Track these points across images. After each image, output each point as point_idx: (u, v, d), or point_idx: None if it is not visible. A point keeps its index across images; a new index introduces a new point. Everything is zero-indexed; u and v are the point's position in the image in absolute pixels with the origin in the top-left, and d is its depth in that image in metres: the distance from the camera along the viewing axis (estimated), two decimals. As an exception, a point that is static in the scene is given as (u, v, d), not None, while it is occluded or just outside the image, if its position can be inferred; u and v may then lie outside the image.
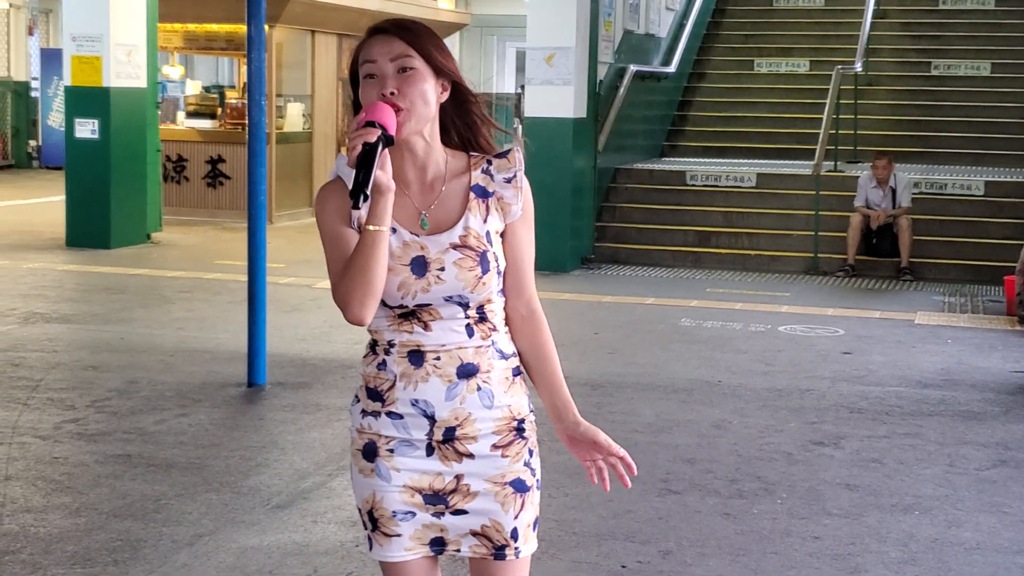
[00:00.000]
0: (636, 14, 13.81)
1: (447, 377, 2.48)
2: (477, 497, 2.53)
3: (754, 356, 8.21)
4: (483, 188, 2.53)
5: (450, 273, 2.47)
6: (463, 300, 2.48)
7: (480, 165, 2.55)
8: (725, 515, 5.17)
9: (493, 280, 2.50)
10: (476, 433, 2.50)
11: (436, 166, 2.53)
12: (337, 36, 16.21)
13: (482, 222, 2.51)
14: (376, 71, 2.45)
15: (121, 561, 4.47)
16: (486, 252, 2.49)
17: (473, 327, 2.50)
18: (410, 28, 2.49)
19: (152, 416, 6.36)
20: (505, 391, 2.53)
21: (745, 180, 12.94)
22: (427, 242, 2.49)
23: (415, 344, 2.49)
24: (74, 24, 12.29)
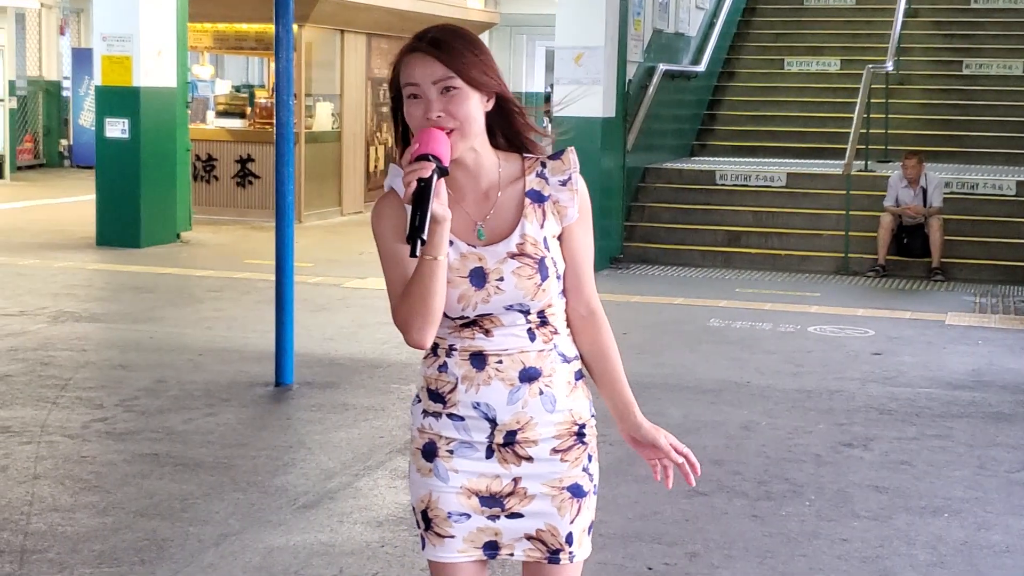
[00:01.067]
0: (666, 13, 13.77)
1: (509, 381, 2.48)
2: (534, 500, 2.52)
3: (783, 357, 8.17)
4: (538, 192, 2.51)
5: (509, 283, 2.46)
6: (524, 308, 2.48)
7: (534, 168, 2.53)
8: (753, 517, 5.14)
9: (553, 285, 2.49)
10: (537, 437, 2.50)
11: (489, 174, 2.51)
12: (366, 36, 16.24)
13: (539, 227, 2.49)
14: (419, 93, 2.43)
15: (148, 560, 4.48)
16: (544, 258, 2.48)
17: (535, 331, 2.50)
18: (446, 46, 2.43)
19: (180, 415, 6.38)
20: (567, 395, 2.52)
21: (775, 180, 12.88)
22: (484, 253, 2.48)
23: (477, 348, 2.49)
24: (104, 24, 12.36)
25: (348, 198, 16.06)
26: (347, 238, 13.85)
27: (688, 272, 11.82)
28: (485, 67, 2.47)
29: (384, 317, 9.36)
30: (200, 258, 11.90)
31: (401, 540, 4.77)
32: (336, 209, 15.80)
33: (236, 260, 11.73)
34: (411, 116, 2.43)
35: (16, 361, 7.40)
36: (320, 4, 14.49)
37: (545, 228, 2.50)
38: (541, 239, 2.49)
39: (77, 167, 21.44)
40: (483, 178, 2.51)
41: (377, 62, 16.68)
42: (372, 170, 16.76)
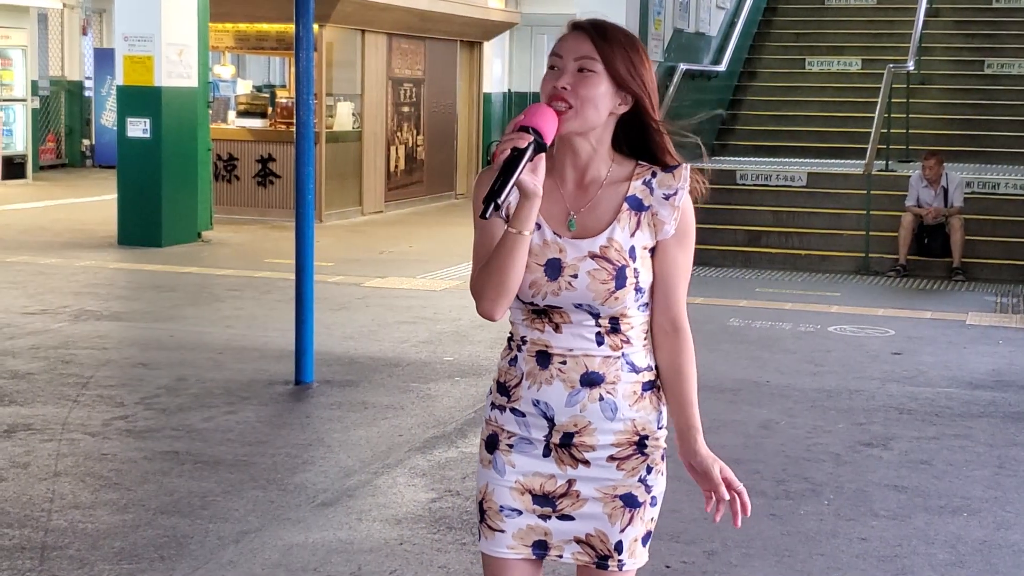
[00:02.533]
0: (686, 12, 13.76)
1: (570, 383, 2.46)
2: (586, 504, 2.51)
3: (803, 356, 8.15)
4: (639, 200, 2.49)
5: (582, 281, 2.44)
6: (593, 310, 2.46)
7: (643, 176, 2.51)
8: (771, 516, 5.14)
9: (629, 296, 2.45)
10: (595, 443, 2.49)
11: (596, 170, 2.50)
12: (387, 35, 16.27)
13: (629, 235, 2.47)
14: (558, 64, 2.45)
15: (167, 557, 4.51)
16: (625, 267, 2.45)
17: (604, 336, 2.47)
18: (606, 32, 2.46)
19: (200, 413, 6.41)
20: (631, 404, 2.50)
21: (796, 179, 12.86)
22: (567, 245, 2.46)
23: (544, 344, 2.48)
24: (126, 24, 12.42)
25: (368, 197, 16.10)
26: (367, 237, 13.88)
27: (708, 272, 11.81)
28: (634, 67, 2.46)
29: (403, 316, 9.42)
30: (221, 257, 11.95)
31: (419, 538, 4.78)
32: (356, 208, 15.84)
33: (256, 259, 11.77)
34: (543, 87, 2.46)
35: (38, 359, 7.45)
36: (341, 4, 14.52)
37: (636, 237, 2.47)
38: (627, 247, 2.46)
39: (99, 167, 21.53)
40: (590, 171, 2.50)
41: (397, 62, 16.72)
42: (392, 169, 16.79)
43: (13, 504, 4.99)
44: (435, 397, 6.90)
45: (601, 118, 2.45)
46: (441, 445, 5.99)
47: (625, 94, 2.46)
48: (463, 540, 4.76)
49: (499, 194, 2.30)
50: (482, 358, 7.85)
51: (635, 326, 2.50)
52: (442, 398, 6.89)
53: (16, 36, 18.91)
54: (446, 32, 17.80)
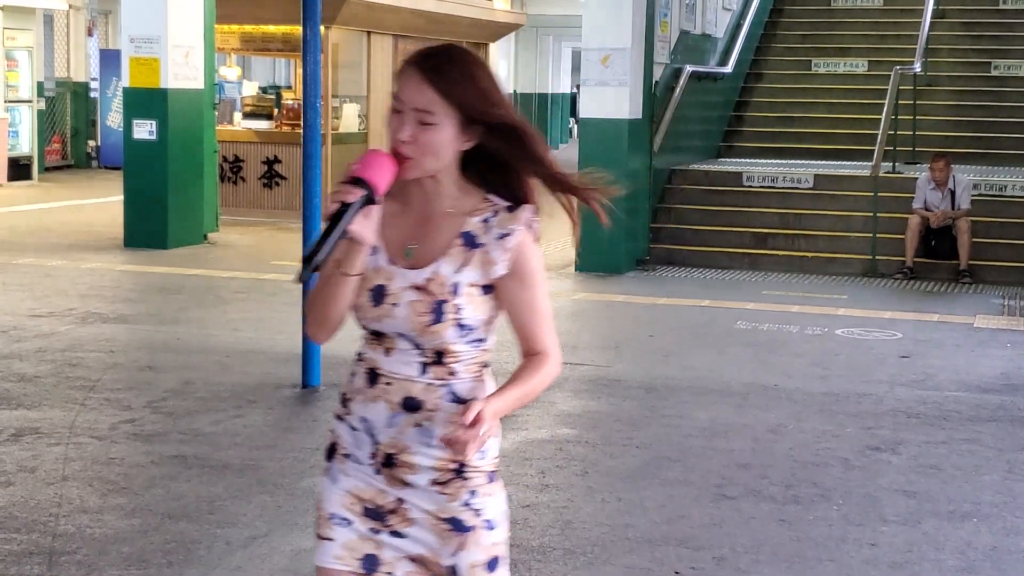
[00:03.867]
0: (692, 14, 13.74)
1: (392, 405, 2.46)
2: (415, 524, 2.50)
3: (811, 360, 8.13)
4: (473, 237, 2.46)
5: (401, 311, 2.44)
6: (414, 340, 2.45)
7: (484, 213, 2.47)
8: (780, 521, 5.12)
9: (449, 331, 2.43)
10: (415, 464, 2.47)
11: (441, 201, 2.48)
12: (393, 37, 16.25)
13: (455, 271, 2.44)
14: (402, 109, 2.42)
15: (176, 563, 4.50)
16: (444, 302, 2.43)
17: (428, 367, 2.46)
18: (445, 70, 2.41)
19: (207, 417, 6.40)
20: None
21: (802, 181, 12.84)
22: (396, 274, 2.46)
23: (375, 364, 2.49)
24: (132, 26, 12.41)
25: (374, 199, 16.07)
26: (373, 239, 13.84)
27: (714, 274, 11.79)
28: (484, 98, 2.42)
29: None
30: (227, 259, 11.94)
31: (428, 543, 4.76)
32: (362, 210, 15.81)
33: (262, 261, 11.76)
34: (388, 124, 2.45)
35: (44, 362, 7.44)
36: (347, 6, 14.51)
37: (463, 274, 2.44)
38: (451, 282, 2.43)
39: (105, 168, 21.54)
40: (433, 203, 2.48)
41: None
42: (398, 171, 16.76)
43: (21, 508, 4.98)
44: (442, 400, 6.88)
45: (445, 162, 2.44)
46: (449, 449, 5.97)
47: (473, 132, 2.43)
48: (471, 545, 4.74)
49: (317, 254, 2.29)
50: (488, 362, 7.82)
51: (463, 360, 2.47)
52: (449, 401, 6.86)
53: (22, 37, 18.92)
54: (452, 33, 17.77)
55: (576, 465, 5.79)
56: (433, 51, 2.45)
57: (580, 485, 5.52)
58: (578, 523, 5.03)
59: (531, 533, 4.90)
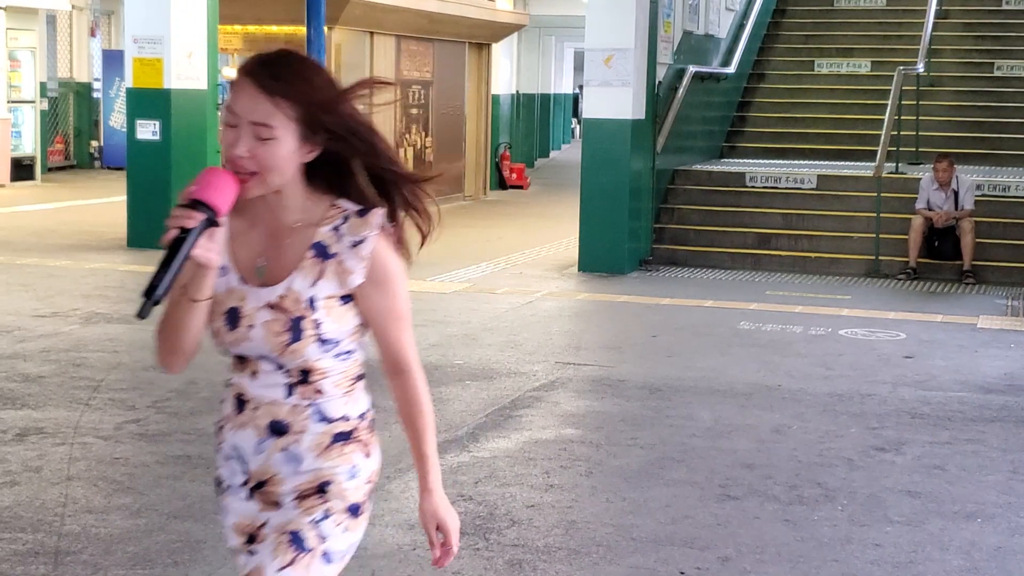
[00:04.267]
0: (695, 15, 13.75)
1: (259, 430, 2.40)
2: (265, 542, 2.43)
3: (814, 360, 8.13)
4: (324, 248, 2.35)
5: (258, 332, 2.34)
6: (276, 361, 2.36)
7: (333, 220, 2.36)
8: (785, 521, 5.12)
9: (310, 349, 2.34)
10: (282, 490, 2.41)
11: (288, 214, 2.37)
12: (395, 37, 16.27)
13: (309, 285, 2.34)
14: (236, 123, 2.28)
15: (181, 563, 4.50)
16: (301, 319, 2.33)
17: (293, 387, 2.38)
18: (283, 79, 2.27)
19: (211, 417, 6.35)
20: (317, 455, 2.40)
21: (805, 182, 12.84)
22: (249, 294, 2.36)
23: (241, 389, 2.42)
24: (136, 26, 12.42)
25: (377, 200, 16.09)
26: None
27: (717, 274, 11.79)
28: (322, 106, 2.28)
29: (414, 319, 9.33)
30: (230, 259, 11.92)
31: (432, 543, 4.76)
32: (365, 211, 15.83)
33: (266, 261, 11.74)
34: (222, 138, 2.31)
35: (49, 362, 7.45)
36: (349, 6, 14.53)
37: (318, 287, 2.34)
38: (307, 297, 2.33)
39: (107, 168, 21.56)
40: (280, 216, 2.37)
41: (406, 64, 16.72)
42: (401, 172, 16.78)
43: (26, 508, 4.98)
44: (446, 401, 6.89)
45: (288, 176, 2.32)
46: (453, 450, 5.98)
47: (316, 141, 2.31)
48: (476, 545, 4.75)
49: (158, 288, 2.18)
50: (492, 362, 7.84)
51: (331, 375, 2.40)
52: (453, 402, 6.88)
53: (25, 38, 18.94)
54: (455, 34, 17.80)
55: (580, 465, 5.79)
56: (267, 58, 2.30)
57: (585, 485, 5.52)
58: (583, 523, 5.03)
59: (536, 533, 4.90)
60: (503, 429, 6.35)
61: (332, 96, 2.30)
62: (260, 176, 2.28)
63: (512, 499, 5.29)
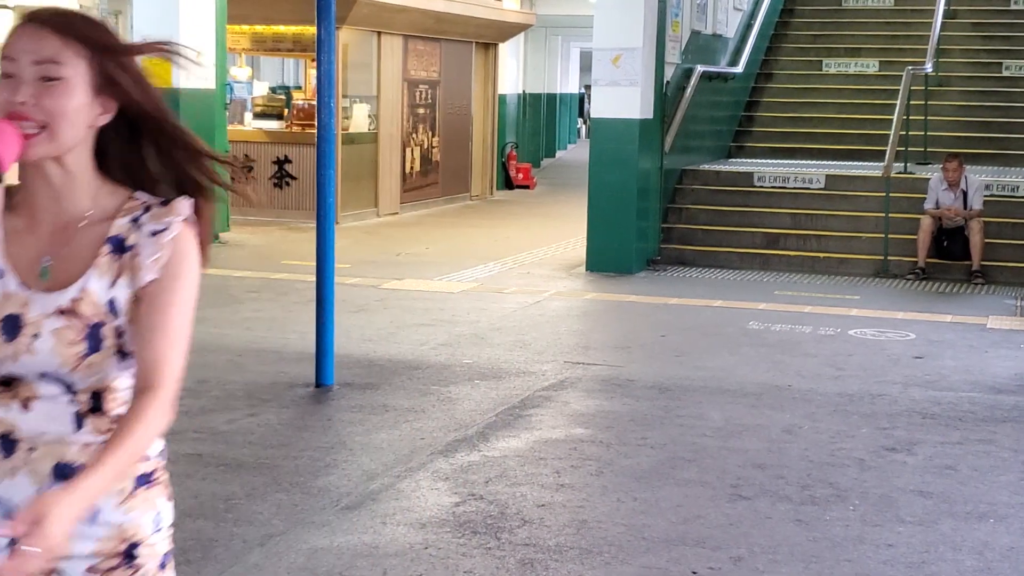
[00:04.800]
0: (703, 14, 13.73)
1: (39, 476, 1.96)
2: None
3: (824, 360, 8.12)
4: (121, 241, 1.99)
5: (45, 344, 1.93)
6: (65, 380, 1.95)
7: (134, 211, 2.01)
8: (797, 521, 5.11)
9: (109, 363, 1.96)
10: (68, 551, 1.91)
11: (77, 204, 2.01)
12: (403, 37, 16.27)
13: (108, 285, 1.97)
14: (14, 71, 1.93)
15: (193, 561, 4.50)
16: (100, 325, 1.95)
17: (84, 418, 1.97)
18: (73, 24, 1.95)
19: (222, 416, 6.40)
20: (117, 505, 1.99)
21: (814, 182, 12.82)
22: (34, 299, 1.96)
23: (9, 427, 1.97)
24: (144, 26, 12.42)
25: (384, 199, 16.11)
26: (383, 239, 13.88)
27: (726, 274, 11.78)
28: (119, 64, 1.97)
29: (421, 318, 9.42)
30: (238, 259, 11.95)
31: (444, 542, 4.77)
32: (372, 210, 15.85)
33: (274, 261, 11.77)
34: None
35: (59, 361, 7.44)
36: (357, 6, 14.53)
37: (118, 287, 1.98)
38: (106, 300, 1.96)
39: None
40: (68, 206, 2.00)
41: (413, 63, 16.72)
42: (408, 171, 16.80)
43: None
44: (456, 400, 6.89)
45: (79, 134, 1.96)
46: (463, 449, 5.98)
47: (106, 99, 1.98)
48: (488, 545, 4.75)
49: None
50: (501, 361, 7.84)
51: (127, 401, 1.99)
52: (463, 401, 6.87)
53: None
54: (462, 34, 17.80)
55: (591, 465, 5.79)
56: (59, 9, 2.00)
57: (595, 485, 5.51)
58: (594, 523, 5.03)
59: (547, 532, 4.90)
60: (513, 428, 6.35)
61: (123, 45, 1.99)
62: (48, 131, 1.92)
63: (523, 498, 5.28)
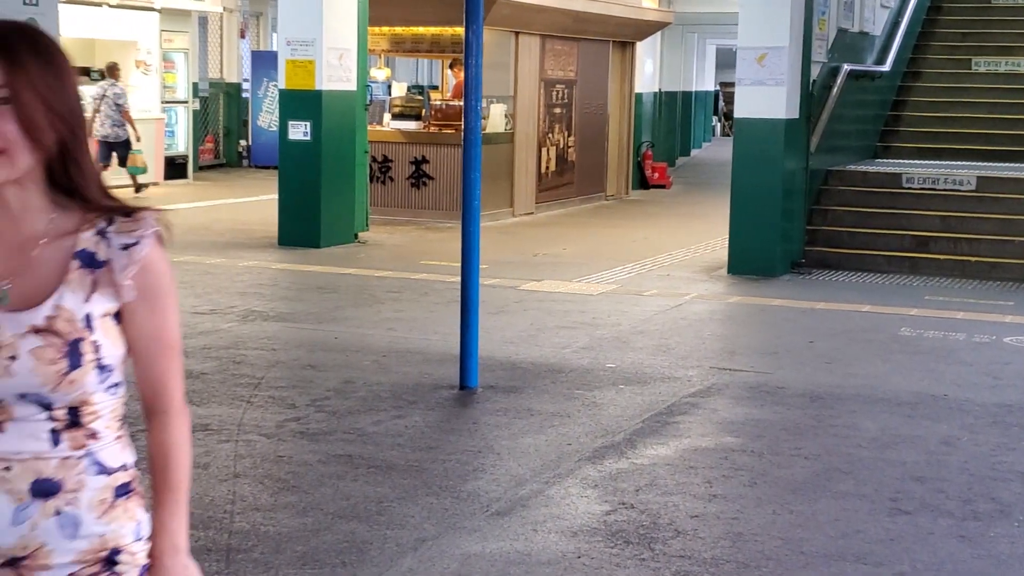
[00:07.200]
0: (850, 12, 13.44)
1: (17, 495, 1.96)
2: None
3: (980, 369, 7.85)
4: (92, 255, 2.01)
5: (24, 364, 1.95)
6: (43, 400, 1.97)
7: (96, 225, 2.02)
8: (960, 537, 4.94)
9: (89, 378, 1.97)
10: (50, 562, 1.98)
11: (33, 223, 2.02)
12: (540, 37, 16.24)
13: (83, 300, 1.99)
14: None
15: (349, 563, 4.51)
16: (80, 341, 1.97)
17: (60, 434, 1.98)
18: (17, 49, 1.96)
19: (369, 417, 6.43)
20: (99, 516, 2.01)
21: (964, 183, 12.44)
22: (3, 320, 1.97)
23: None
24: (289, 29, 12.61)
25: (520, 199, 16.10)
26: (520, 239, 13.87)
27: (873, 278, 11.49)
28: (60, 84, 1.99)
29: (562, 320, 9.37)
30: (378, 259, 12.05)
31: (597, 552, 4.70)
32: (508, 210, 15.85)
33: (413, 261, 11.83)
34: None
35: (210, 359, 7.57)
36: (496, 6, 14.54)
37: (93, 302, 1.99)
38: (82, 315, 1.98)
39: (255, 167, 21.97)
40: (24, 226, 2.01)
41: (550, 63, 16.69)
42: (544, 171, 16.77)
43: (197, 505, 5.04)
44: (601, 405, 6.82)
45: (35, 159, 1.98)
46: (611, 455, 5.91)
47: (57, 118, 1.98)
48: (642, 556, 4.67)
49: None
50: (645, 366, 7.74)
51: (103, 414, 2.02)
52: (608, 406, 6.80)
53: (179, 40, 19.39)
54: (600, 33, 17.71)
55: (743, 475, 5.67)
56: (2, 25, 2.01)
57: (749, 496, 5.39)
58: (749, 535, 4.91)
59: (702, 544, 4.80)
60: (661, 436, 6.26)
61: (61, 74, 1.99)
62: (6, 155, 1.95)
63: (675, 508, 5.19)
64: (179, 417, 2.10)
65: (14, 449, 1.96)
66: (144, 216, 2.03)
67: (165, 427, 2.08)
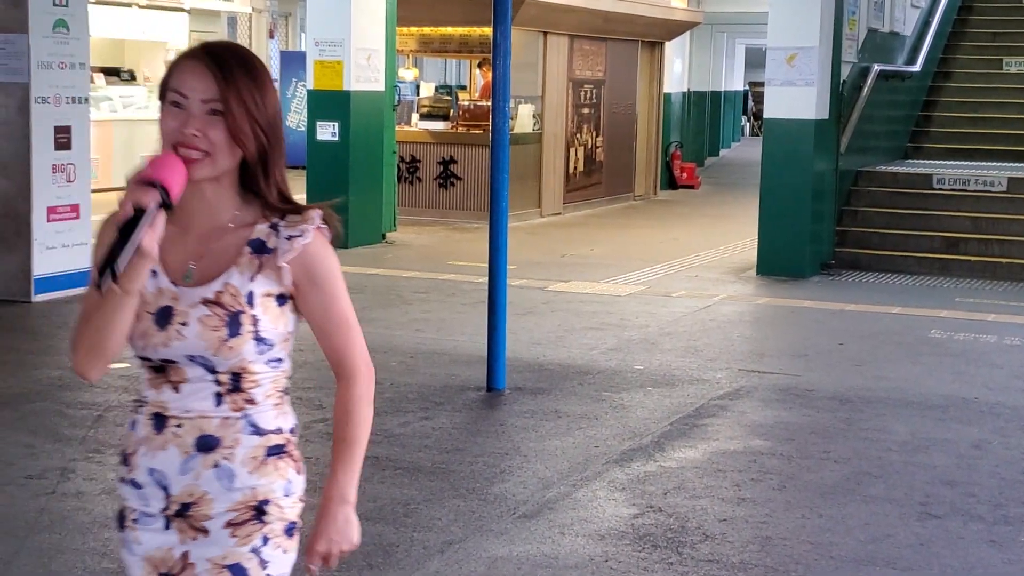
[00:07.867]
0: (881, 12, 13.35)
1: (184, 448, 2.28)
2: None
3: (1011, 372, 7.78)
4: (262, 243, 2.31)
5: (192, 329, 2.26)
6: (208, 362, 2.27)
7: (271, 219, 2.33)
8: (991, 543, 4.89)
9: (247, 347, 2.26)
10: (212, 512, 2.29)
11: (222, 214, 2.33)
12: (568, 37, 16.22)
13: (248, 280, 2.29)
14: (184, 104, 2.26)
15: (375, 565, 4.51)
16: (240, 313, 2.26)
17: (223, 396, 2.28)
18: (230, 66, 2.27)
19: (397, 418, 6.43)
20: (251, 471, 2.30)
21: (995, 184, 12.34)
22: (183, 293, 2.29)
23: (160, 406, 2.30)
24: (317, 29, 12.63)
25: (547, 199, 16.08)
26: (547, 240, 13.85)
27: (903, 279, 11.41)
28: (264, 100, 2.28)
29: (589, 322, 9.33)
30: (405, 259, 12.05)
31: (624, 555, 4.68)
32: (535, 210, 15.83)
33: (440, 262, 11.83)
34: (165, 124, 2.27)
35: (237, 360, 7.57)
36: (525, 6, 14.52)
37: (256, 282, 2.29)
38: (246, 292, 2.28)
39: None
40: (215, 216, 2.33)
41: (579, 63, 16.66)
42: (572, 171, 16.75)
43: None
44: (628, 407, 6.79)
45: (235, 161, 2.29)
46: (639, 458, 5.88)
47: (259, 129, 2.29)
48: (669, 559, 4.64)
49: (117, 262, 2.12)
50: (673, 367, 7.71)
51: (262, 383, 2.32)
52: (635, 409, 6.77)
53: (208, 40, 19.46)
54: (628, 33, 17.67)
55: (772, 479, 5.63)
56: (216, 45, 2.32)
57: (778, 500, 5.35)
58: (778, 539, 4.88)
59: (730, 548, 4.77)
60: (689, 438, 6.22)
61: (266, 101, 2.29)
62: (210, 157, 2.25)
63: (703, 512, 5.16)
64: (361, 381, 2.40)
65: (186, 407, 2.28)
66: (311, 214, 2.32)
67: (347, 390, 2.40)
